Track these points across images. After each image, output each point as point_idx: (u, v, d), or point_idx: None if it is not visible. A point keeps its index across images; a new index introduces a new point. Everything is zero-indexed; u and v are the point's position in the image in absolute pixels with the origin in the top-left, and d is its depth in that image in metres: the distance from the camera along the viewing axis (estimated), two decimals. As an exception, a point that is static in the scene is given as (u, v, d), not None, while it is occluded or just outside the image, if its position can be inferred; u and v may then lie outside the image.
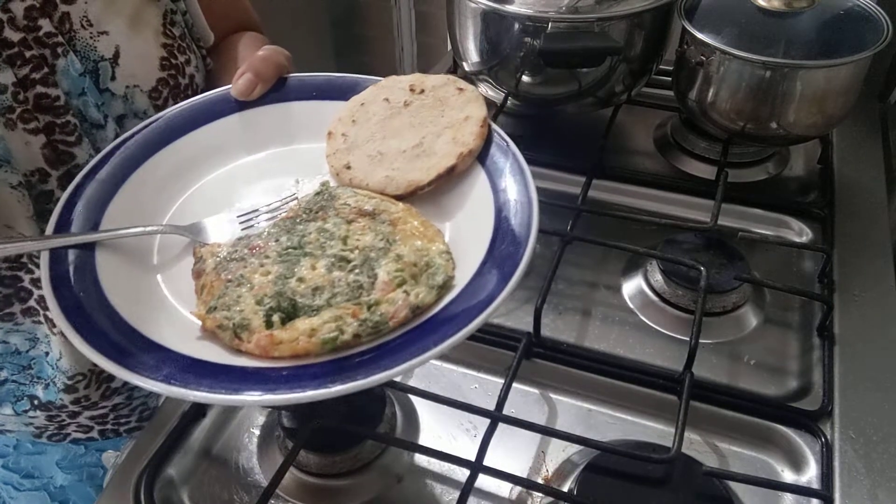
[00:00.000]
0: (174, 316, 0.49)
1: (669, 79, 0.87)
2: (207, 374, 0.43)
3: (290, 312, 0.46)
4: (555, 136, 0.97)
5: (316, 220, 0.53)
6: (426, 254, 0.49)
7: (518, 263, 0.46)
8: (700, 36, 0.76)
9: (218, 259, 0.50)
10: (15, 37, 0.56)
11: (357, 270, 0.48)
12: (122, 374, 0.41)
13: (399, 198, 0.55)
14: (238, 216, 0.56)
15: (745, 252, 0.74)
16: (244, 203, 0.58)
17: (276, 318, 0.46)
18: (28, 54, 0.57)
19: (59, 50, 0.59)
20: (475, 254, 0.49)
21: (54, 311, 0.44)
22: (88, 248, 0.49)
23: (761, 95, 0.76)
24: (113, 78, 0.64)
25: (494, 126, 0.58)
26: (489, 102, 0.65)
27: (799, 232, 0.82)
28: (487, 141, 0.57)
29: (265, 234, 0.52)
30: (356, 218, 0.52)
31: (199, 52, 0.73)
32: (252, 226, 0.55)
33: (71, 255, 0.48)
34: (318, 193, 0.56)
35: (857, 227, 0.80)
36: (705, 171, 0.89)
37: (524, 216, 0.50)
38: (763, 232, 0.81)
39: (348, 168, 0.58)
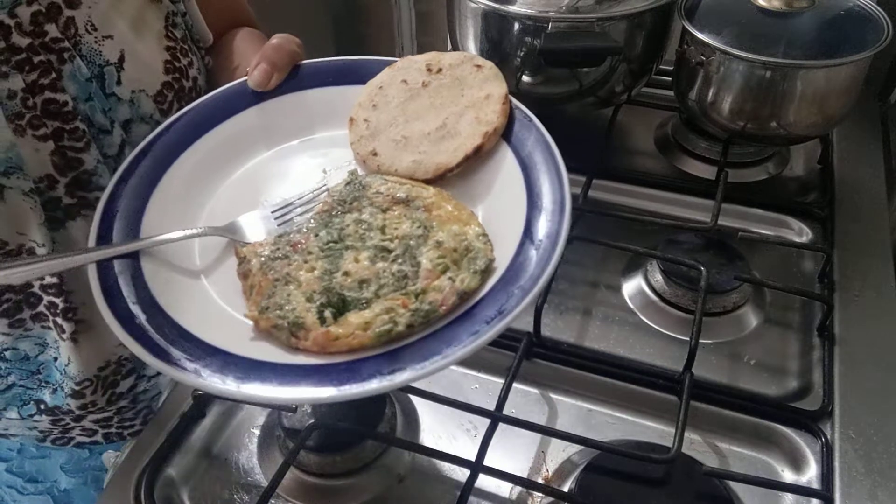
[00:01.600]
0: (225, 318, 0.49)
1: (669, 79, 0.87)
2: (273, 374, 0.43)
3: (341, 307, 0.47)
4: (555, 136, 0.96)
5: (351, 211, 0.53)
6: (464, 238, 0.49)
7: (557, 241, 0.46)
8: (700, 36, 0.76)
9: (262, 259, 0.50)
10: (23, 42, 0.56)
11: (400, 260, 0.49)
12: (191, 380, 0.42)
13: (428, 181, 0.55)
14: (273, 211, 0.55)
15: (745, 252, 0.74)
16: (274, 197, 0.57)
17: (327, 313, 0.46)
18: (36, 60, 0.57)
19: (66, 55, 0.59)
20: (511, 231, 0.49)
21: (112, 324, 0.44)
22: (133, 258, 0.49)
23: (761, 95, 0.76)
24: (119, 82, 0.63)
25: (515, 102, 0.57)
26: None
27: (799, 232, 0.82)
28: (510, 117, 0.56)
29: (304, 229, 0.52)
30: (391, 206, 0.53)
31: (199, 53, 0.73)
32: (288, 220, 0.55)
33: (118, 265, 0.48)
34: (348, 183, 0.55)
35: (857, 227, 0.80)
36: (705, 171, 0.89)
37: (555, 189, 0.50)
38: (763, 232, 0.81)
39: (375, 155, 0.57)
